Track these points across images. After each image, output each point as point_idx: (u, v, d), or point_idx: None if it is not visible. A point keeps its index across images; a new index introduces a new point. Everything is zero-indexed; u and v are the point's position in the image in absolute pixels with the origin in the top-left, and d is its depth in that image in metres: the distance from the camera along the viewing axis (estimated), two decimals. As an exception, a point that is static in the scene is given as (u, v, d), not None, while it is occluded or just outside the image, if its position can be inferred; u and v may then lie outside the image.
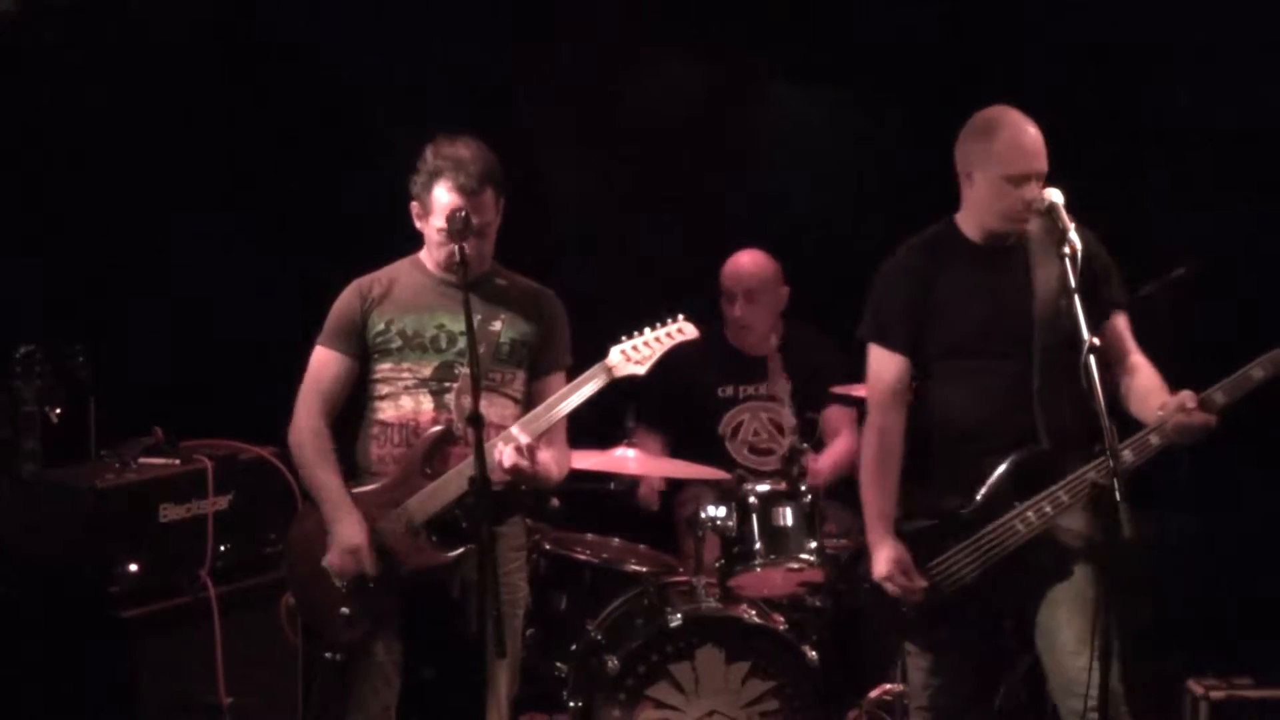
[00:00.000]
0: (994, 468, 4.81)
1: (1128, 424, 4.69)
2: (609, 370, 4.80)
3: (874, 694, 5.94)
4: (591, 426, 5.35)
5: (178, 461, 5.47)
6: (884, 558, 4.83)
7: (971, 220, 4.90)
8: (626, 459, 6.06)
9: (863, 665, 5.96)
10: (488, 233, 4.86)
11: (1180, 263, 5.92)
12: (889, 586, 4.82)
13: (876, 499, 4.88)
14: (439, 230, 4.81)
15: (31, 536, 5.28)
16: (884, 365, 4.92)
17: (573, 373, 4.95)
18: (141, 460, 5.45)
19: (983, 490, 4.83)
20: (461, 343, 4.81)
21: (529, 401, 4.90)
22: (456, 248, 4.72)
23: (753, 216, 7.02)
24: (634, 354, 4.81)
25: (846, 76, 6.90)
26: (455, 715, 4.83)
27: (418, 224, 4.89)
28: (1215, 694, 5.94)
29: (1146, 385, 4.83)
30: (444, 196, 4.80)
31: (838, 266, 5.88)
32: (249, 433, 5.66)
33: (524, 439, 4.73)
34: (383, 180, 6.16)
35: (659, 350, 4.82)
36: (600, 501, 6.27)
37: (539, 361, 4.96)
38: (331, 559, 4.80)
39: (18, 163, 6.17)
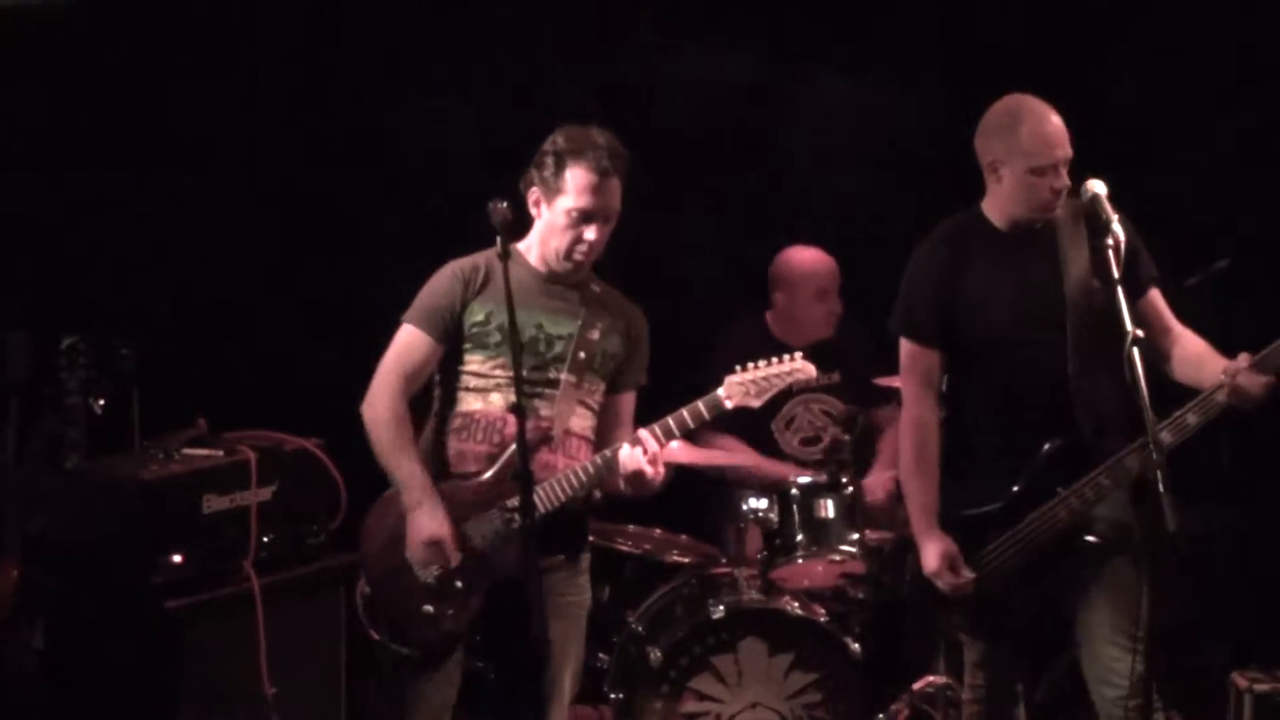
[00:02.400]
0: (1033, 456, 4.79)
1: (1163, 405, 4.63)
2: (718, 404, 4.74)
3: (918, 686, 5.93)
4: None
5: (221, 453, 5.43)
6: (932, 552, 4.83)
7: (997, 209, 4.88)
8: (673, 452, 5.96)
9: (906, 657, 5.98)
10: (611, 224, 4.80)
11: (1223, 255, 5.92)
12: (939, 582, 4.81)
13: (918, 492, 4.88)
14: (568, 211, 4.74)
15: (75, 527, 5.27)
16: (915, 358, 4.91)
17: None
18: (185, 451, 5.42)
19: (1023, 479, 4.81)
20: (559, 347, 4.79)
21: (601, 416, 4.87)
22: (571, 237, 4.71)
23: (788, 206, 7.03)
24: (750, 388, 4.76)
25: (879, 62, 6.91)
26: (514, 716, 4.81)
27: (533, 211, 4.82)
28: (1260, 687, 5.89)
29: (1198, 351, 4.80)
30: (580, 177, 4.74)
31: (874, 256, 5.86)
32: (293, 424, 5.62)
33: (654, 445, 4.66)
34: (424, 172, 6.52)
35: (776, 387, 4.77)
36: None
37: (621, 377, 4.93)
38: (413, 551, 4.73)
39: (61, 151, 6.18)
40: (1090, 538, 4.80)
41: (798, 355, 4.75)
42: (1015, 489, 4.81)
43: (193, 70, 6.33)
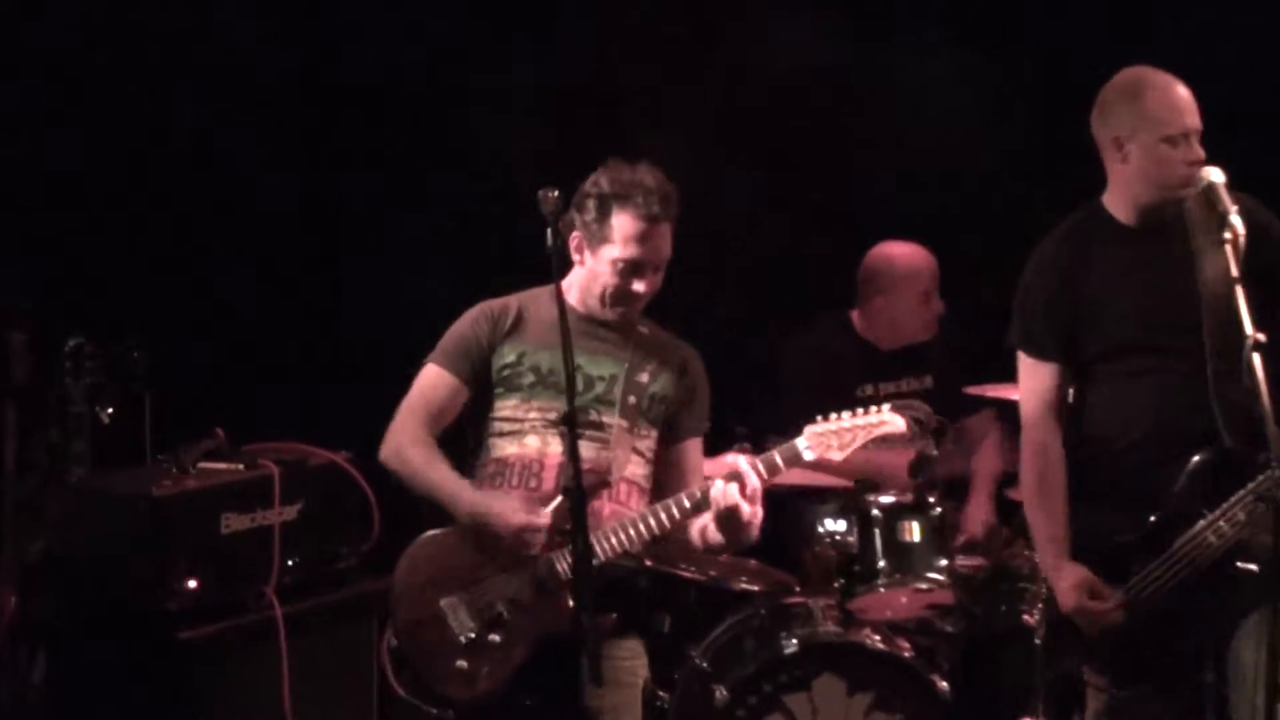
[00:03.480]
0: (1174, 476, 4.58)
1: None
2: (796, 455, 4.58)
3: (1014, 730, 5.67)
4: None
5: (241, 467, 5.30)
6: (1067, 586, 4.60)
7: (1123, 198, 4.68)
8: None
9: (999, 697, 5.71)
10: (661, 272, 4.68)
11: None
12: (1080, 620, 4.60)
13: (1045, 524, 4.68)
14: (613, 262, 4.62)
15: (81, 549, 5.17)
16: (1035, 375, 4.73)
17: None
18: (201, 465, 5.29)
19: (1165, 502, 4.58)
20: (599, 388, 4.67)
21: (661, 465, 4.75)
22: (617, 289, 4.61)
23: (879, 195, 6.86)
24: (833, 440, 4.59)
25: (982, 33, 6.72)
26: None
27: (575, 257, 4.70)
28: None
29: None
30: (627, 225, 4.60)
31: (975, 252, 5.88)
32: (319, 436, 5.49)
33: (755, 480, 4.50)
34: (459, 177, 6.47)
35: (861, 440, 4.59)
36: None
37: (680, 424, 4.79)
38: (509, 544, 4.51)
39: (67, 138, 6.10)
40: (1245, 564, 4.52)
41: (885, 408, 4.61)
42: (1157, 514, 4.59)
43: (212, 65, 6.34)
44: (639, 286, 4.61)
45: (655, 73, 6.37)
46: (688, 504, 4.52)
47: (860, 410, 4.58)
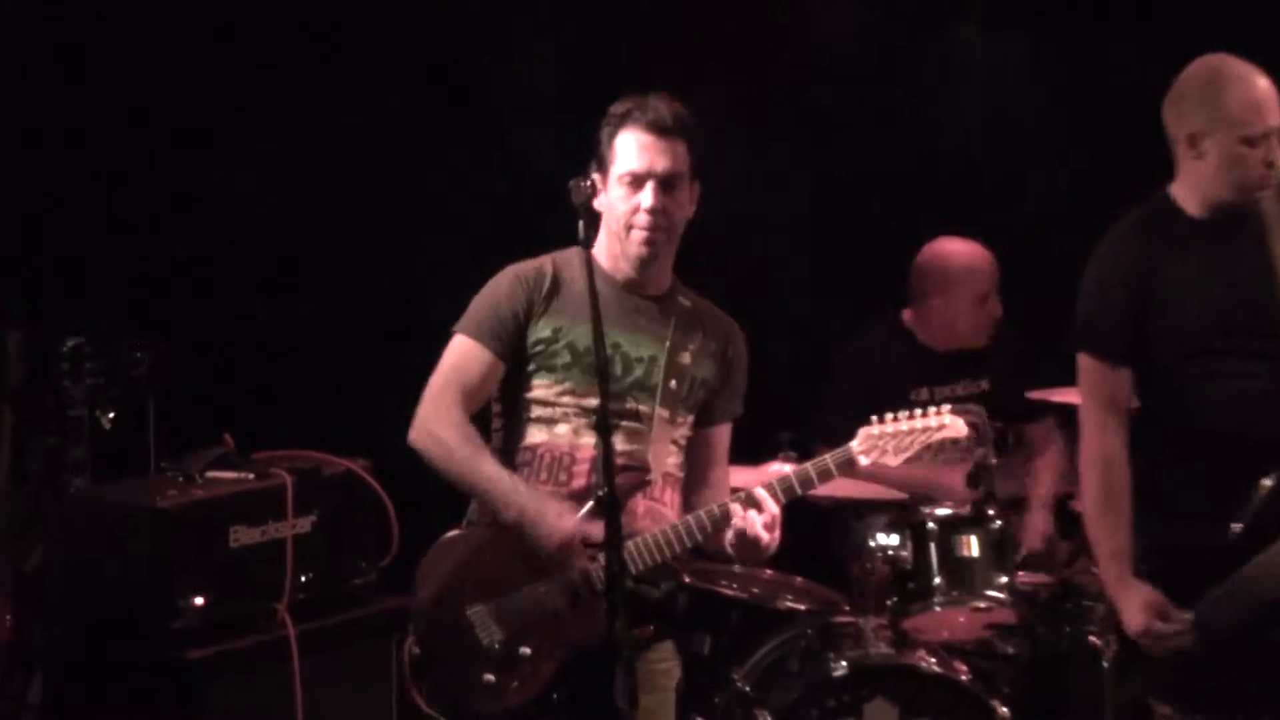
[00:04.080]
0: (1257, 485, 4.49)
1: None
2: (850, 460, 4.44)
3: (1078, 757, 5.73)
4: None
5: (252, 476, 5.14)
6: (1134, 606, 4.53)
7: (1194, 193, 4.62)
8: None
9: None
10: (676, 192, 4.45)
11: None
12: (1147, 642, 4.52)
13: (1108, 537, 4.59)
14: (620, 178, 4.43)
15: (81, 563, 5.05)
16: (1100, 379, 4.65)
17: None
18: (209, 474, 5.13)
19: (1246, 514, 4.49)
20: (639, 371, 4.48)
21: (690, 451, 4.60)
22: (628, 210, 4.39)
23: (933, 187, 6.78)
24: (889, 444, 4.45)
25: (1044, 15, 6.64)
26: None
27: (598, 206, 4.49)
28: None
29: None
30: (631, 138, 4.44)
31: (1035, 250, 5.84)
32: (336, 442, 5.34)
33: (773, 507, 4.37)
34: (482, 177, 6.45)
35: (919, 445, 4.45)
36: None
37: (714, 407, 4.61)
38: (553, 562, 4.36)
39: (65, 130, 6.03)
40: None
41: (945, 409, 4.47)
42: (1239, 526, 4.49)
43: (218, 57, 6.28)
44: (647, 200, 4.39)
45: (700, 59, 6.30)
46: (708, 524, 4.40)
47: (918, 412, 4.44)
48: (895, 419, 4.43)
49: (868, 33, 6.74)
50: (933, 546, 5.59)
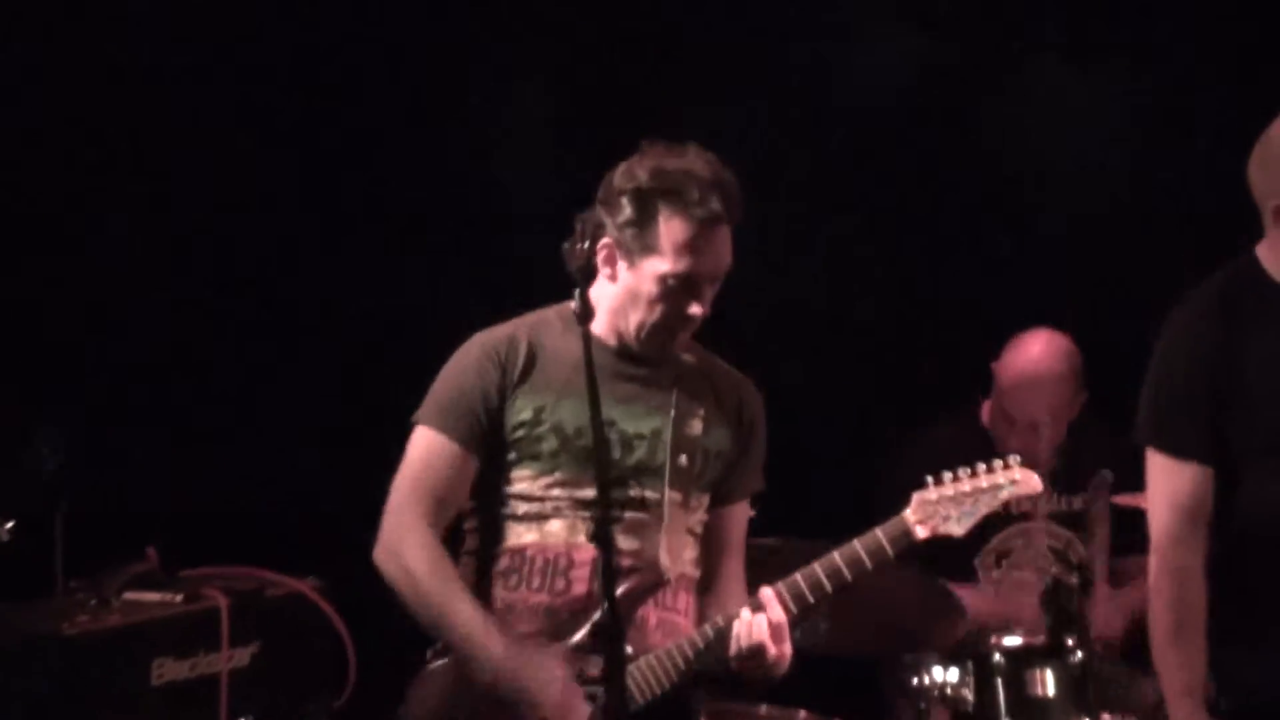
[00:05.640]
0: None
1: None
2: (905, 533, 4.07)
3: None
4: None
5: (179, 598, 4.84)
6: None
7: None
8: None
9: None
10: (718, 285, 4.11)
11: None
12: None
13: (1179, 667, 4.23)
14: (662, 278, 4.01)
15: None
16: (1173, 479, 4.29)
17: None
18: (128, 596, 4.84)
19: None
20: (640, 450, 4.08)
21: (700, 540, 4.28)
22: (665, 312, 4.00)
23: (1003, 238, 6.40)
24: (950, 510, 4.12)
25: (1130, 51, 6.30)
26: None
27: (604, 270, 4.12)
28: None
29: None
30: (679, 229, 3.99)
31: (1118, 313, 5.45)
32: (281, 559, 5.06)
33: (778, 612, 3.99)
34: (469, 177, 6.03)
35: (985, 507, 4.14)
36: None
37: (729, 483, 4.23)
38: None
39: None
40: None
41: (1014, 460, 4.15)
42: None
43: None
44: (694, 309, 4.03)
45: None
46: (711, 636, 4.03)
47: (981, 467, 4.10)
48: (956, 479, 4.09)
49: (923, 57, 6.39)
50: (1000, 683, 5.15)
